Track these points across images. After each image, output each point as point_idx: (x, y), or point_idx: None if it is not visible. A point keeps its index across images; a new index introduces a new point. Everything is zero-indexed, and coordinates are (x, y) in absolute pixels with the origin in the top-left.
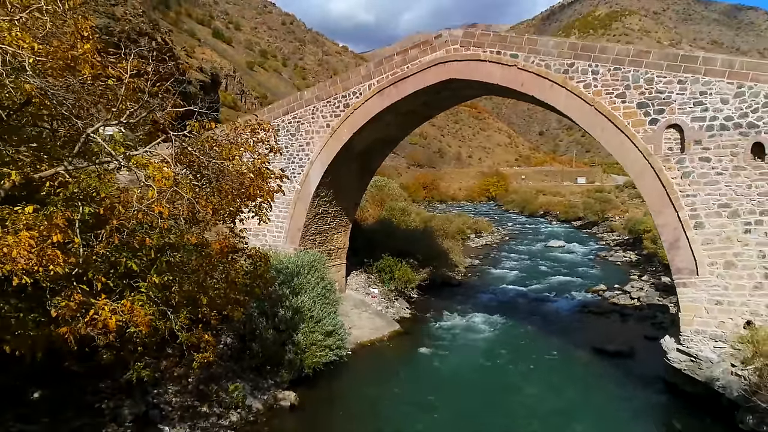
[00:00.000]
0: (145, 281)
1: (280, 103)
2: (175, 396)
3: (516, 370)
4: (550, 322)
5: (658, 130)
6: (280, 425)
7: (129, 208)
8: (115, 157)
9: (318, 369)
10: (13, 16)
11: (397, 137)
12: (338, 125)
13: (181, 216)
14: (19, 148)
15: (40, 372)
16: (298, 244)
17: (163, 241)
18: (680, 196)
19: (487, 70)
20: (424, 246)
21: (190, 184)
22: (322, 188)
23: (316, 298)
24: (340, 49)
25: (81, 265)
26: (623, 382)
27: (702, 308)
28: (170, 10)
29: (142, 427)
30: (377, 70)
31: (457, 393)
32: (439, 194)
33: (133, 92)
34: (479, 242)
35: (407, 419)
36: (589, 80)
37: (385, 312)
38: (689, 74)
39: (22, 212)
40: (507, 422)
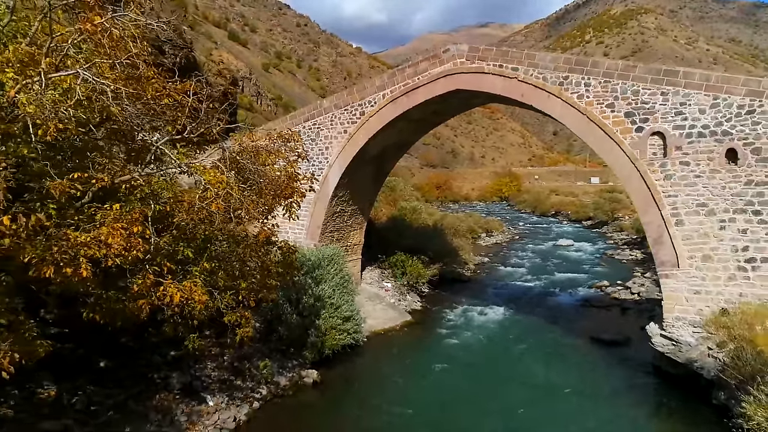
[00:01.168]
0: (197, 266)
1: (302, 110)
2: (213, 371)
3: (517, 355)
4: (553, 315)
5: (644, 137)
6: (304, 399)
7: (193, 206)
8: (179, 164)
9: (337, 351)
10: (99, 51)
11: (409, 141)
12: (355, 131)
13: (231, 212)
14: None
15: (104, 346)
16: (318, 240)
17: (211, 233)
18: (663, 196)
19: (491, 81)
20: (435, 243)
21: (238, 186)
22: (340, 189)
23: (335, 287)
24: (354, 50)
25: (152, 252)
26: (614, 365)
27: (682, 297)
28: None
29: (187, 395)
30: (390, 81)
31: (463, 374)
32: (452, 194)
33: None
34: (490, 241)
35: (417, 396)
36: (582, 91)
37: (397, 304)
38: (671, 87)
39: (110, 209)
40: (505, 398)
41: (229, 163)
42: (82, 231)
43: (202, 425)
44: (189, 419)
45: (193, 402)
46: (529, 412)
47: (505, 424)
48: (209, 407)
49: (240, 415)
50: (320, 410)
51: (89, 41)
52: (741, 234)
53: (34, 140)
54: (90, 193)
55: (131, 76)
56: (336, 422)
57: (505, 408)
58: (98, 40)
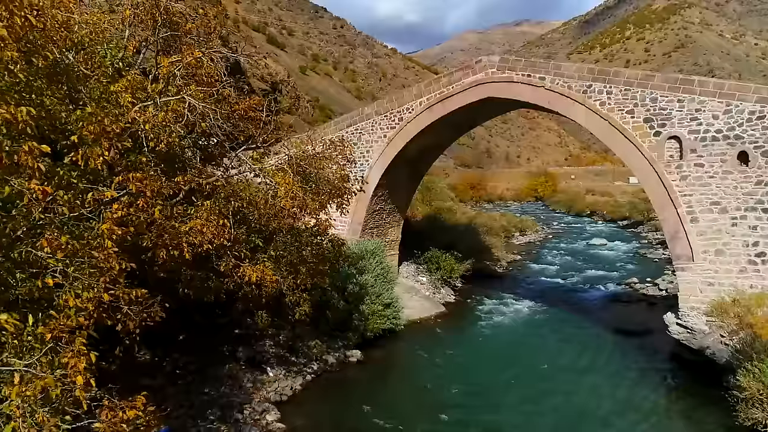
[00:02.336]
0: (265, 254)
1: (344, 117)
2: (271, 347)
3: (543, 343)
4: (581, 309)
5: (661, 141)
6: (349, 375)
7: (266, 203)
8: (253, 168)
9: (378, 334)
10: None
11: (444, 145)
12: (393, 136)
13: (295, 209)
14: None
15: (183, 322)
16: (359, 236)
17: (278, 226)
18: (679, 195)
19: (519, 90)
20: (468, 241)
21: (300, 186)
22: (379, 189)
23: (376, 277)
24: (389, 51)
25: (232, 241)
26: (635, 353)
27: (697, 288)
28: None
29: (251, 366)
30: (427, 90)
31: (492, 358)
32: (486, 194)
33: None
34: (523, 240)
35: (450, 377)
36: (604, 99)
37: (432, 297)
38: (687, 94)
39: (201, 205)
40: (531, 380)
41: (294, 166)
42: (181, 223)
43: (265, 391)
44: (254, 386)
45: (256, 372)
46: (551, 392)
47: (529, 402)
48: (269, 377)
49: (295, 385)
50: (363, 385)
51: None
52: (752, 230)
53: (147, 151)
54: (182, 192)
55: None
56: (377, 396)
57: (530, 388)
58: (194, 70)
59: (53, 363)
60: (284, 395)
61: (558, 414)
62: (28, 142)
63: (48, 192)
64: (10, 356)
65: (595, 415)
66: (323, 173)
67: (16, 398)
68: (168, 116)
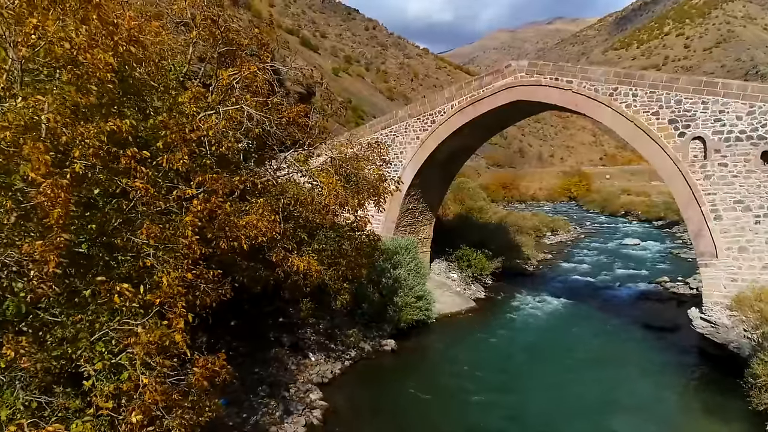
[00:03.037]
0: (310, 247)
1: (379, 120)
2: (312, 335)
3: (571, 337)
4: (610, 306)
5: (686, 142)
6: (384, 362)
7: (311, 200)
8: (300, 169)
9: (411, 325)
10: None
11: (475, 146)
12: (426, 137)
13: (337, 206)
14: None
15: (233, 309)
16: (393, 234)
17: (321, 221)
18: (703, 194)
19: (547, 93)
20: (499, 239)
21: (342, 185)
22: (412, 189)
23: (409, 271)
24: (421, 52)
25: (281, 234)
26: (661, 347)
27: (720, 284)
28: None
29: (294, 351)
30: (458, 93)
31: (521, 350)
32: (518, 194)
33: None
34: (554, 239)
35: (479, 366)
36: (630, 101)
37: (462, 292)
38: (711, 96)
39: (255, 202)
40: (558, 370)
41: (336, 167)
42: (238, 217)
43: (307, 374)
44: (297, 369)
45: (299, 357)
46: (576, 380)
47: (556, 391)
48: (311, 361)
49: (335, 370)
50: (397, 372)
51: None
52: None
53: (209, 154)
54: (238, 191)
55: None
56: (411, 382)
57: (556, 377)
58: (249, 82)
59: (158, 324)
60: (325, 378)
61: (582, 400)
62: (131, 148)
63: (149, 189)
64: (125, 318)
65: (618, 402)
66: (362, 173)
67: (139, 348)
68: (228, 124)
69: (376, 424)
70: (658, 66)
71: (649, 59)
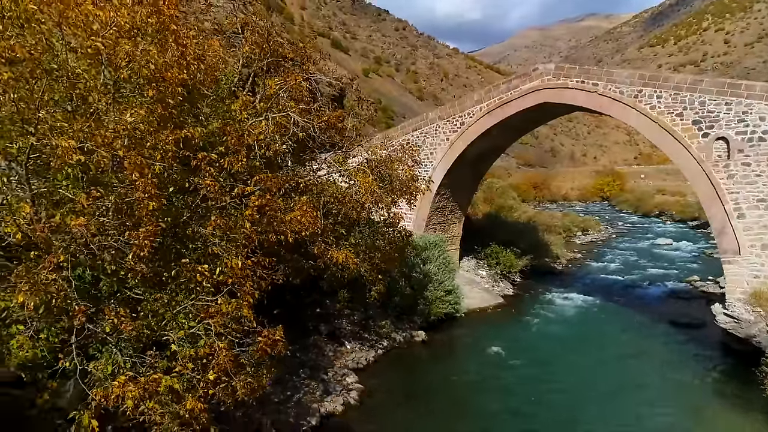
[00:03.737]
0: (347, 241)
1: (410, 122)
2: (347, 325)
3: (598, 332)
4: (637, 303)
5: (709, 142)
6: (415, 352)
7: (350, 198)
8: (339, 169)
9: (441, 318)
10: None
11: (503, 146)
12: (455, 139)
13: (373, 203)
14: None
15: (276, 299)
16: (423, 231)
17: (357, 217)
18: (726, 193)
19: (573, 95)
20: (528, 238)
21: (377, 184)
22: (442, 188)
23: (438, 266)
24: (451, 51)
25: (322, 229)
26: (686, 342)
27: (743, 281)
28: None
29: (332, 340)
30: (486, 96)
31: (549, 345)
32: (550, 194)
33: (342, 130)
34: (585, 239)
35: (507, 358)
36: (654, 103)
37: (491, 289)
38: (734, 98)
39: (299, 199)
40: (584, 363)
41: (371, 168)
42: (284, 213)
43: (344, 360)
44: (334, 355)
45: (336, 344)
46: (601, 372)
47: (581, 380)
48: (347, 349)
49: (369, 357)
50: (428, 361)
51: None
52: None
53: (259, 156)
54: (283, 189)
55: (308, 111)
56: (441, 370)
57: (583, 368)
58: (294, 92)
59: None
60: (360, 364)
61: (605, 389)
62: (201, 152)
63: (217, 187)
64: (200, 296)
65: (640, 391)
66: (395, 173)
67: (218, 317)
68: (275, 129)
69: (408, 406)
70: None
71: (687, 55)
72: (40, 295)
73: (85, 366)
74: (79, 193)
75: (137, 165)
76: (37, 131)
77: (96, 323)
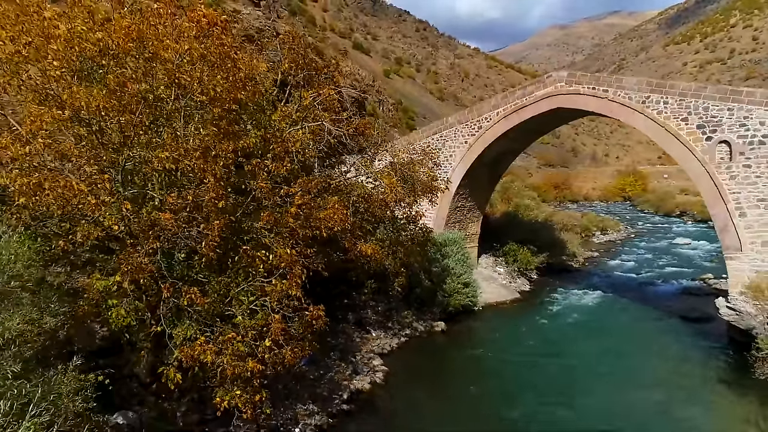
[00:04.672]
0: (373, 236)
1: (431, 126)
2: (372, 315)
3: (610, 325)
4: (650, 299)
5: (712, 145)
6: (435, 340)
7: (376, 198)
8: (366, 171)
9: (459, 310)
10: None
11: (519, 149)
12: (473, 142)
13: (397, 202)
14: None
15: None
16: (443, 228)
17: (382, 215)
18: (728, 193)
19: (585, 101)
20: (545, 237)
21: (401, 185)
22: (461, 188)
23: (457, 261)
24: (472, 52)
25: (351, 225)
26: (693, 334)
27: (744, 276)
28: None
29: (359, 327)
30: (503, 101)
31: (562, 335)
32: (571, 194)
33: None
34: (603, 239)
35: (522, 348)
36: (661, 108)
37: (508, 285)
38: (736, 104)
39: (330, 198)
40: (595, 353)
41: (396, 171)
42: (318, 211)
43: (370, 345)
44: (361, 341)
45: (363, 332)
46: (611, 360)
47: (591, 366)
48: (372, 336)
49: (392, 344)
50: (447, 349)
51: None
52: None
53: (296, 161)
54: (314, 191)
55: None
56: (459, 359)
57: (594, 356)
58: (327, 103)
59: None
60: (385, 350)
61: (613, 375)
62: (255, 159)
63: (269, 188)
64: (257, 278)
65: (647, 377)
66: (417, 175)
67: (275, 294)
68: (310, 136)
69: (429, 386)
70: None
71: (713, 53)
72: (134, 276)
73: (170, 332)
74: (164, 194)
75: (210, 171)
76: (135, 146)
77: (176, 299)
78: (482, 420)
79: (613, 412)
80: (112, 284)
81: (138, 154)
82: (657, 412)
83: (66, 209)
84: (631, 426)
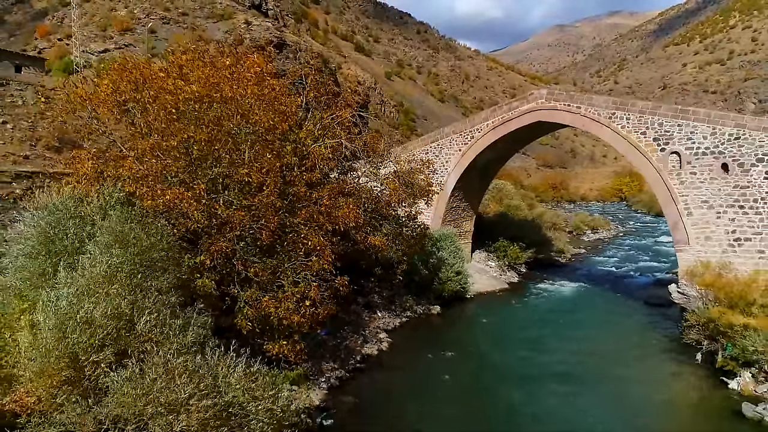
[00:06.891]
0: (380, 231)
1: (429, 135)
2: (379, 299)
3: (585, 310)
4: (624, 290)
5: (665, 155)
6: (432, 321)
7: (381, 199)
8: (373, 178)
9: (452, 296)
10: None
11: (507, 156)
12: (467, 150)
13: (398, 202)
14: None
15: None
16: (439, 226)
17: (387, 213)
18: (679, 195)
19: (562, 115)
20: (533, 234)
21: (402, 189)
22: (455, 190)
23: (450, 253)
24: (472, 53)
25: (363, 222)
26: (652, 316)
27: (690, 265)
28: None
29: (366, 309)
30: (492, 114)
31: (543, 318)
32: (568, 194)
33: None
34: (593, 237)
35: (508, 329)
36: (624, 123)
37: (499, 277)
38: (684, 120)
39: (345, 200)
40: (571, 330)
41: (398, 177)
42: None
43: (376, 323)
44: (369, 319)
45: (370, 312)
46: (582, 336)
47: (567, 342)
48: (378, 316)
49: (395, 323)
50: (443, 329)
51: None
52: (731, 222)
53: (320, 169)
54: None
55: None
56: (453, 336)
57: (569, 333)
58: (344, 123)
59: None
60: (389, 327)
61: (583, 349)
62: (292, 170)
63: (305, 191)
64: (299, 259)
65: (600, 347)
66: (416, 180)
67: (315, 267)
68: (330, 150)
69: (428, 352)
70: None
71: (712, 54)
72: (216, 256)
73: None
74: (240, 198)
75: (271, 181)
76: (221, 164)
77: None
78: (464, 374)
79: (567, 372)
80: (200, 262)
81: (224, 171)
82: (602, 368)
83: (175, 209)
84: (576, 377)
